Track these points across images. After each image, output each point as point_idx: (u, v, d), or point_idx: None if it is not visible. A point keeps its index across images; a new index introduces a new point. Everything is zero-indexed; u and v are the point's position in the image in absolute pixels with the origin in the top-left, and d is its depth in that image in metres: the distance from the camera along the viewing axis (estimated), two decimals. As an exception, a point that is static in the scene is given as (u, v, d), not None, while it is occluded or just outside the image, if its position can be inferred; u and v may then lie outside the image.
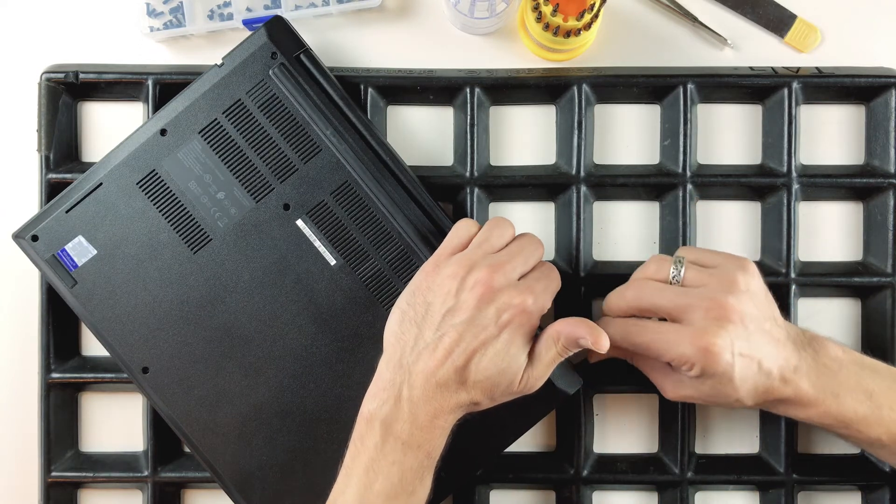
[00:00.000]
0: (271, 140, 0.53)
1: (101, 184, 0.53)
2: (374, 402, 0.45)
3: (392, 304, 0.48)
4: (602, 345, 0.46)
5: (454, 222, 0.50)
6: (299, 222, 0.53)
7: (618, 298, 0.51)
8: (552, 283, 0.48)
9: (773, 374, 0.47)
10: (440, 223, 0.53)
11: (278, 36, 0.53)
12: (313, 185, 0.53)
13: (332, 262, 0.53)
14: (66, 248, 0.53)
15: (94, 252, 0.53)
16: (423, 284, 0.47)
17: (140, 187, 0.53)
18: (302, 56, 0.53)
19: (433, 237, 0.52)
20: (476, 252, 0.47)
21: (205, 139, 0.53)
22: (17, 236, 0.53)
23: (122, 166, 0.53)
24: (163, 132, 0.53)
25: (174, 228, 0.53)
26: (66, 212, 0.53)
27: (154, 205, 0.53)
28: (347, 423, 0.47)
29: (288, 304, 0.53)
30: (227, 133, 0.53)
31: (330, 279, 0.53)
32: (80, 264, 0.53)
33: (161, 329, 0.53)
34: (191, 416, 0.53)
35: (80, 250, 0.53)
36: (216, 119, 0.53)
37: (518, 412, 0.50)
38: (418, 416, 0.44)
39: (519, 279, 0.46)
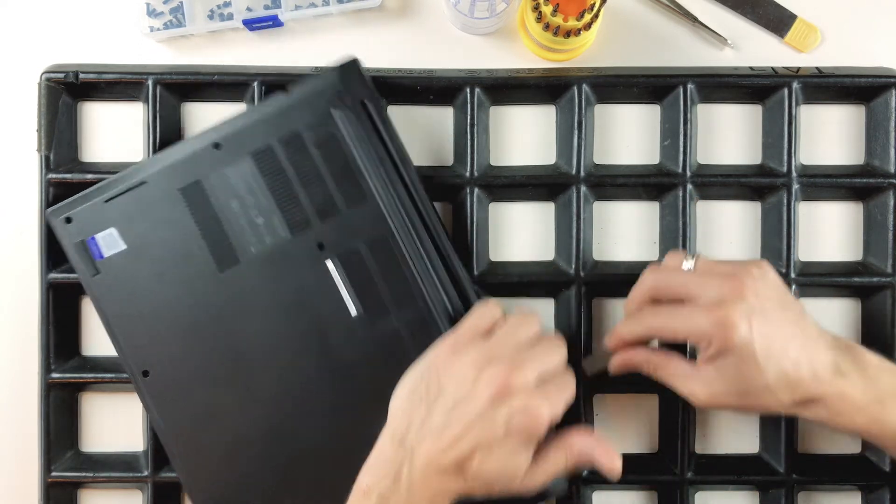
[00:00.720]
0: (321, 177, 0.52)
1: (145, 182, 0.52)
2: (372, 476, 0.45)
3: (400, 368, 0.48)
4: (615, 469, 0.46)
5: (476, 300, 0.51)
6: (329, 263, 0.52)
7: (635, 287, 0.50)
8: (568, 392, 0.46)
9: (803, 366, 0.45)
10: (469, 299, 0.52)
11: (350, 78, 0.53)
12: (352, 231, 0.52)
13: (353, 311, 0.52)
14: (97, 236, 0.52)
15: (124, 247, 0.52)
16: (439, 365, 0.46)
17: (182, 194, 0.52)
18: (368, 103, 0.53)
19: (457, 313, 0.51)
20: (499, 344, 0.46)
21: (256, 162, 0.52)
22: (52, 215, 0.53)
23: (169, 169, 0.52)
24: (217, 145, 0.52)
25: (206, 242, 0.52)
26: (105, 202, 0.52)
27: (192, 215, 0.52)
28: (332, 477, 0.46)
29: (298, 343, 0.52)
30: (280, 161, 0.52)
31: (346, 327, 0.52)
32: (106, 256, 0.52)
33: (170, 337, 0.52)
34: (179, 429, 0.52)
35: (110, 242, 0.52)
36: (271, 145, 0.52)
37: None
38: (415, 497, 0.44)
39: (537, 382, 0.45)
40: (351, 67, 0.53)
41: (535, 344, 0.47)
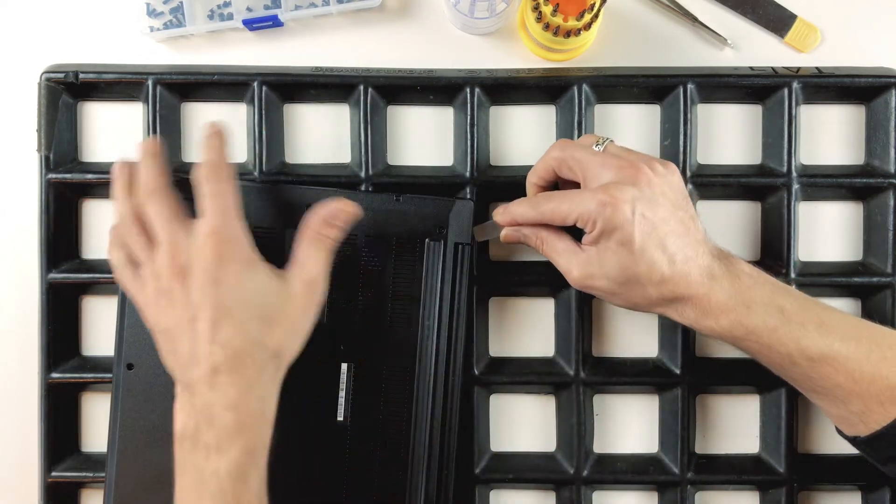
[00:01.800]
0: (383, 286, 0.53)
1: None
2: (177, 423, 0.45)
3: (359, 485, 0.52)
4: (350, 208, 0.48)
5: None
6: (343, 366, 0.52)
7: (540, 160, 0.50)
8: (220, 191, 0.46)
9: (678, 263, 0.45)
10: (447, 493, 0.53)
11: (460, 217, 0.53)
12: (382, 349, 0.53)
13: (340, 416, 0.52)
14: None
15: None
16: (151, 323, 0.47)
17: (254, 230, 0.51)
18: (462, 248, 0.53)
19: (437, 466, 0.52)
20: (147, 262, 0.47)
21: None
22: None
23: (256, 203, 0.52)
24: (310, 207, 0.52)
25: None
26: (185, 199, 0.52)
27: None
28: None
29: (280, 413, 0.52)
30: (358, 251, 0.53)
31: (325, 426, 0.52)
32: None
33: None
34: (131, 434, 0.52)
35: None
36: (358, 234, 0.52)
37: None
38: (217, 416, 0.43)
39: (188, 224, 0.46)
40: (465, 207, 0.53)
41: (145, 216, 0.47)
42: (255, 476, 0.44)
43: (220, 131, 0.49)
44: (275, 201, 0.53)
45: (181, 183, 0.49)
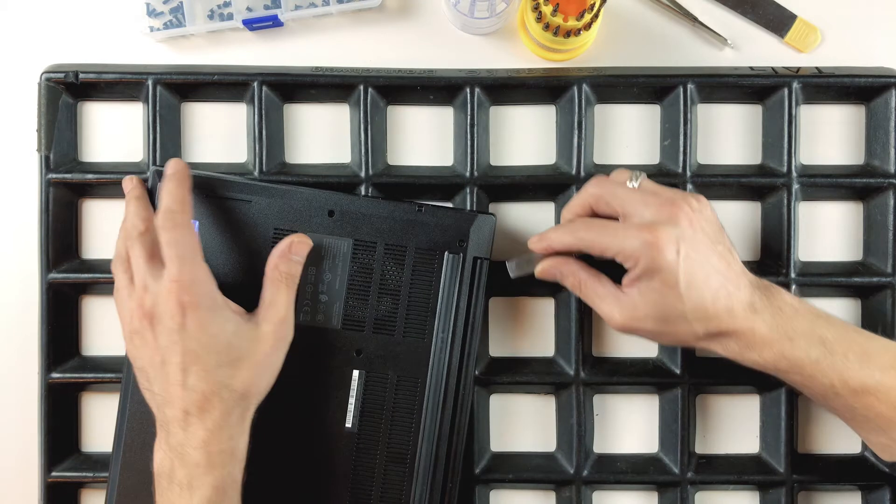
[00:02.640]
0: (398, 296, 0.53)
1: (250, 201, 0.53)
2: (155, 462, 0.47)
3: (360, 491, 0.52)
4: (304, 242, 0.51)
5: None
6: (356, 373, 0.53)
7: (576, 196, 0.51)
8: (179, 240, 0.47)
9: (721, 299, 0.46)
10: (453, 472, 0.53)
11: (481, 231, 0.53)
12: (394, 358, 0.53)
13: (348, 423, 0.53)
14: None
15: None
16: (131, 360, 0.49)
17: (274, 234, 0.52)
18: (481, 263, 0.53)
19: (443, 476, 0.53)
20: (127, 300, 0.48)
21: (355, 248, 0.53)
22: (159, 178, 0.52)
23: (278, 205, 0.53)
24: (331, 213, 0.52)
25: None
26: (206, 196, 0.53)
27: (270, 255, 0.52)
28: None
29: (283, 421, 0.52)
30: (375, 260, 0.53)
31: (333, 433, 0.52)
32: None
33: None
34: (138, 428, 0.52)
35: None
36: (377, 242, 0.53)
37: None
38: (189, 455, 0.45)
39: (148, 264, 0.47)
40: (487, 222, 0.53)
41: (132, 248, 0.48)
42: None
43: (176, 172, 0.49)
44: (293, 204, 0.53)
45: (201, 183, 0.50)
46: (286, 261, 0.50)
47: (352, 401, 0.53)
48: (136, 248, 0.48)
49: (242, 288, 0.52)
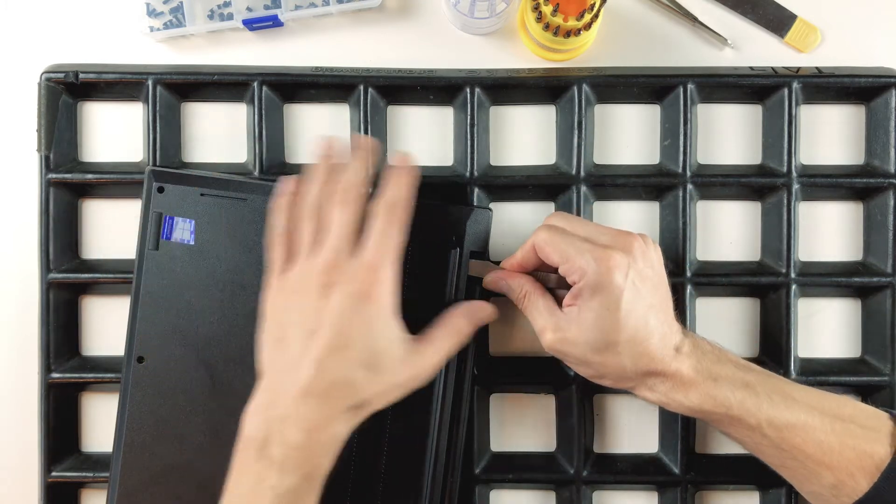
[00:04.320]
0: (403, 288, 0.52)
1: (245, 199, 0.53)
2: (250, 425, 0.44)
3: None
4: (489, 311, 0.51)
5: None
6: None
7: (548, 219, 0.51)
8: (391, 235, 0.46)
9: (654, 339, 0.46)
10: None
11: (476, 226, 0.53)
12: None
13: None
14: (176, 219, 0.53)
15: (191, 242, 0.53)
16: (270, 310, 0.47)
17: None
18: (477, 256, 0.53)
19: (443, 473, 0.52)
20: (306, 258, 0.46)
21: None
22: (154, 178, 0.53)
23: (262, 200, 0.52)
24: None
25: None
26: (201, 195, 0.52)
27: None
28: None
29: None
30: None
31: None
32: (172, 239, 0.53)
33: (179, 342, 0.53)
34: (138, 428, 0.52)
35: (184, 231, 0.53)
36: None
37: None
38: (292, 434, 0.43)
39: (348, 249, 0.45)
40: (483, 217, 0.53)
41: (333, 211, 0.46)
42: (307, 502, 0.44)
43: (406, 168, 0.48)
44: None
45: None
46: (470, 320, 0.49)
47: None
48: (348, 211, 0.46)
49: (240, 288, 0.52)
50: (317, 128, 0.58)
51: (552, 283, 0.50)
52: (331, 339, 0.44)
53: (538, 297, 0.49)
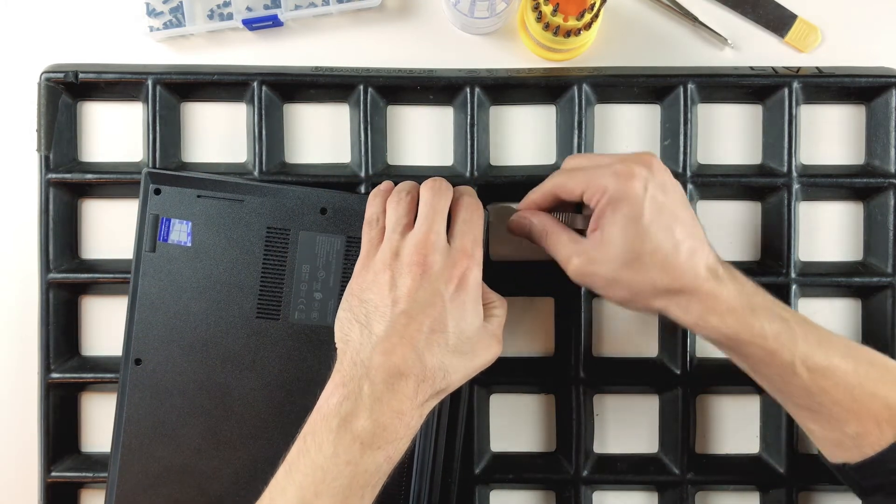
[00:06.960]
0: None
1: (242, 201, 0.53)
2: (332, 398, 0.43)
3: None
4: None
5: None
6: None
7: (567, 162, 0.51)
8: (476, 223, 0.47)
9: (683, 251, 0.44)
10: None
11: None
12: None
13: None
14: (173, 220, 0.53)
15: (188, 244, 0.53)
16: (356, 287, 0.47)
17: (268, 233, 0.53)
18: None
19: (442, 473, 0.52)
20: (394, 235, 0.46)
21: (348, 245, 0.53)
22: (151, 180, 0.53)
23: (270, 203, 0.53)
24: (323, 211, 0.53)
25: (261, 285, 0.53)
26: (198, 196, 0.53)
27: (265, 255, 0.53)
28: None
29: (280, 420, 0.52)
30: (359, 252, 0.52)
31: None
32: (169, 241, 0.53)
33: (177, 343, 0.53)
34: (136, 430, 0.52)
35: (180, 232, 0.53)
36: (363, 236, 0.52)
37: None
38: (382, 413, 0.42)
39: (440, 237, 0.46)
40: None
41: (422, 206, 0.47)
42: (380, 483, 0.44)
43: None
44: (286, 202, 0.53)
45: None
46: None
47: None
48: (443, 200, 0.47)
49: (238, 288, 0.52)
50: (317, 128, 0.58)
51: (577, 223, 0.50)
52: (430, 325, 0.44)
53: (560, 231, 0.49)
